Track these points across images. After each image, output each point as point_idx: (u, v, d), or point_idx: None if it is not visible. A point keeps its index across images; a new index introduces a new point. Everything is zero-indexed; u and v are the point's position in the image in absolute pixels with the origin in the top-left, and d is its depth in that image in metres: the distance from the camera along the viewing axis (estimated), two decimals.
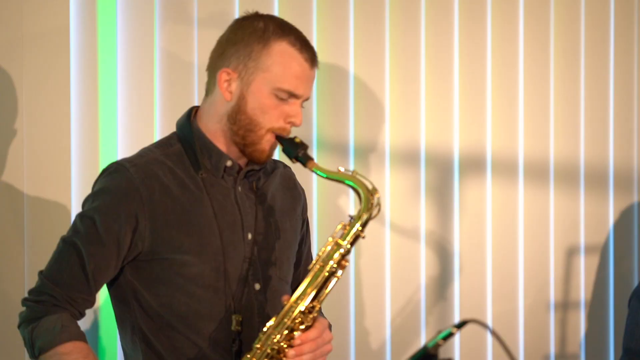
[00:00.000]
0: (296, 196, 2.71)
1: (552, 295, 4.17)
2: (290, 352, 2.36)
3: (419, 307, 3.86)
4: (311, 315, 2.38)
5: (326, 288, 2.39)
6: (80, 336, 2.39)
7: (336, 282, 2.40)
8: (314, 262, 2.40)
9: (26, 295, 2.45)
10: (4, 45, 3.04)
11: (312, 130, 3.56)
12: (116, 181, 2.41)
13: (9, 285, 3.05)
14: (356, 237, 2.40)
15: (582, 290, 4.23)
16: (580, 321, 4.25)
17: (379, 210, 2.42)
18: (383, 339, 3.78)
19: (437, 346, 2.77)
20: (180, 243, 2.41)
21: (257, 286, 2.50)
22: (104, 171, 2.47)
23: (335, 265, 2.38)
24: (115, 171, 2.43)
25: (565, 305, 4.21)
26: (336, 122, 3.62)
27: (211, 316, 2.44)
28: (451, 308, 3.93)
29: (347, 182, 2.42)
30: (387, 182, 3.74)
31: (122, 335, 2.52)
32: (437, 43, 3.83)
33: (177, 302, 2.43)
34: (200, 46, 3.25)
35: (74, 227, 2.43)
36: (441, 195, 3.89)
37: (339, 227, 2.41)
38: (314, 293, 2.38)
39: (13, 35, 3.05)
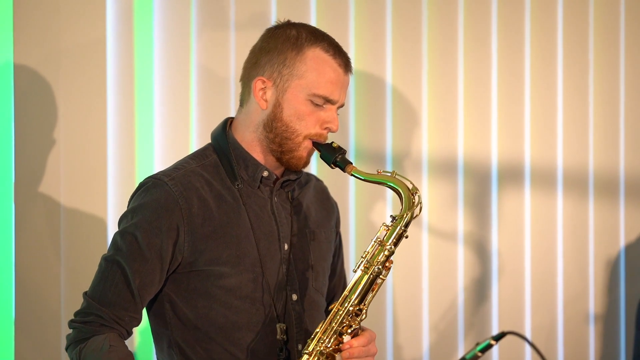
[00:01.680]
0: (329, 208, 2.71)
1: (592, 306, 4.13)
2: (344, 353, 2.35)
3: (456, 319, 3.83)
4: (359, 319, 2.37)
5: (372, 291, 2.39)
6: (128, 356, 2.38)
7: (381, 284, 2.39)
8: (358, 264, 2.40)
9: (72, 317, 2.44)
10: (42, 58, 3.05)
11: (350, 139, 3.55)
12: (155, 196, 2.41)
13: (45, 293, 3.06)
14: (400, 237, 2.40)
15: (622, 302, 4.19)
16: (620, 333, 4.20)
17: (420, 208, 2.42)
18: (420, 352, 3.76)
19: (475, 358, 2.76)
20: (218, 254, 2.41)
21: (295, 297, 2.50)
22: (140, 186, 2.46)
23: (380, 267, 2.37)
24: (153, 186, 2.43)
25: (604, 317, 4.17)
26: (373, 131, 3.62)
27: (249, 327, 2.43)
28: (489, 320, 3.90)
29: (387, 182, 2.42)
30: (425, 192, 3.72)
31: (159, 349, 2.51)
32: (475, 53, 3.81)
33: (214, 314, 2.42)
34: (236, 57, 3.26)
35: (115, 245, 2.41)
36: (479, 205, 3.86)
37: (382, 228, 2.41)
38: (360, 296, 2.37)
39: (51, 49, 3.06)
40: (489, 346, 2.79)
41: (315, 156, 3.39)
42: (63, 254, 3.07)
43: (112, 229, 3.11)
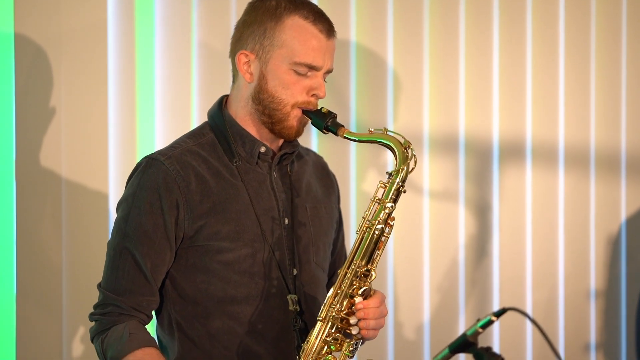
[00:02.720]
0: (329, 185, 2.71)
1: (593, 283, 4.14)
2: (359, 314, 2.35)
3: (457, 295, 3.84)
4: (368, 279, 2.38)
5: (378, 249, 2.39)
6: (149, 342, 2.39)
7: (386, 242, 2.39)
8: (360, 225, 2.40)
9: (91, 310, 2.45)
10: (44, 35, 3.04)
11: (351, 116, 3.55)
12: (153, 176, 2.41)
13: (47, 269, 3.06)
14: (398, 193, 2.40)
15: (623, 278, 4.20)
16: (621, 310, 4.21)
17: (415, 162, 2.41)
18: (421, 327, 3.77)
19: (476, 334, 2.76)
20: (217, 230, 2.41)
21: (295, 271, 2.50)
22: (137, 167, 2.46)
23: (382, 225, 2.37)
24: (149, 166, 2.43)
25: (605, 294, 4.18)
26: (375, 108, 3.61)
27: (247, 301, 2.44)
28: (490, 296, 3.91)
29: (379, 140, 2.42)
30: (426, 169, 3.72)
31: (159, 326, 2.52)
32: (477, 30, 3.81)
33: (213, 288, 2.42)
34: None
35: (120, 231, 2.41)
36: (480, 182, 3.87)
37: (379, 186, 2.40)
38: (367, 256, 2.37)
39: (52, 25, 3.05)
40: (490, 322, 2.79)
41: (316, 132, 3.40)
42: (64, 229, 3.08)
43: (114, 203, 3.11)
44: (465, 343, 2.79)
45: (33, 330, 3.03)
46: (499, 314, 2.76)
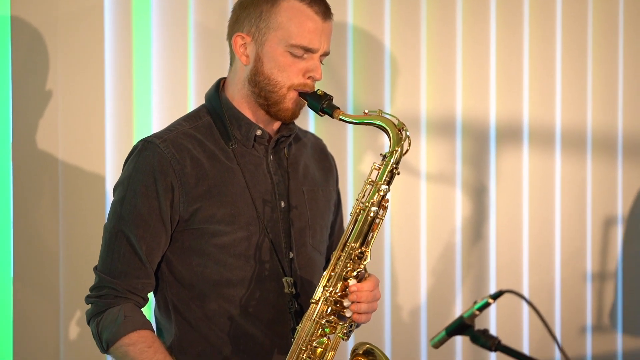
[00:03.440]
0: (328, 168, 2.71)
1: (589, 265, 4.15)
2: (352, 296, 2.35)
3: (453, 278, 3.85)
4: (362, 262, 2.38)
5: (372, 232, 2.38)
6: (144, 325, 2.40)
7: (380, 224, 2.39)
8: (354, 207, 2.40)
9: (88, 292, 2.46)
10: (40, 23, 3.03)
11: (348, 99, 3.54)
12: (148, 159, 2.41)
13: (44, 253, 3.06)
14: (392, 175, 2.40)
15: (620, 261, 4.20)
16: (618, 292, 4.22)
17: (409, 144, 2.41)
18: (418, 310, 3.77)
19: (473, 316, 2.76)
20: (212, 213, 2.41)
21: (291, 254, 2.50)
22: (133, 150, 2.47)
23: (376, 208, 2.37)
24: (145, 149, 2.43)
25: (602, 276, 4.19)
26: (372, 91, 3.61)
27: (243, 284, 2.44)
28: (487, 279, 3.91)
29: (374, 122, 2.41)
30: (423, 152, 3.72)
31: (156, 309, 2.53)
32: (474, 13, 3.80)
33: (209, 271, 2.43)
34: None
35: (116, 214, 2.42)
36: (477, 165, 3.87)
37: (372, 168, 2.40)
38: (361, 238, 2.37)
39: (49, 13, 3.04)
40: (487, 305, 2.79)
41: (313, 115, 3.40)
42: (61, 213, 3.08)
43: (111, 186, 3.11)
44: (462, 325, 2.80)
45: (30, 314, 3.04)
46: (496, 296, 2.76)
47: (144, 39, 3.18)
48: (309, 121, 3.43)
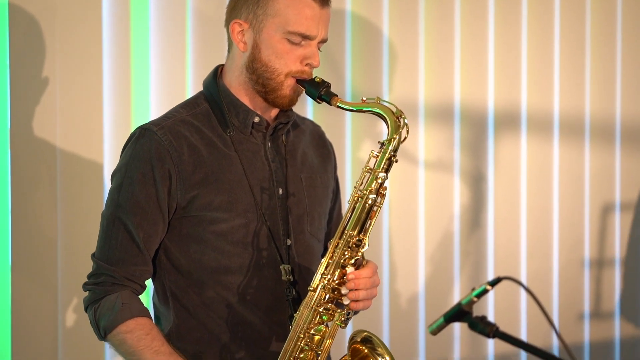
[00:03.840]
0: (326, 155, 2.71)
1: (587, 252, 4.15)
2: (349, 284, 2.35)
3: (451, 265, 3.85)
4: (360, 249, 2.38)
5: (370, 219, 2.38)
6: (142, 312, 2.40)
7: (378, 212, 2.39)
8: (352, 194, 2.40)
9: (86, 280, 2.46)
10: (38, 8, 3.02)
11: (346, 86, 3.54)
12: (145, 146, 2.41)
13: (42, 240, 3.06)
14: (390, 163, 2.39)
15: (617, 248, 4.21)
16: (615, 279, 4.23)
17: (407, 131, 2.40)
18: (416, 297, 3.78)
19: (471, 303, 2.77)
20: (210, 200, 2.41)
21: (289, 241, 2.50)
22: (130, 137, 2.46)
23: (374, 195, 2.37)
24: (142, 136, 2.43)
25: (600, 263, 4.19)
26: (370, 78, 3.60)
27: (241, 271, 2.44)
28: (485, 266, 3.92)
29: (372, 109, 2.41)
30: (421, 140, 3.72)
31: (155, 294, 2.53)
32: (472, 0, 3.79)
33: (207, 258, 2.43)
34: None
35: (113, 202, 2.42)
36: (475, 152, 3.87)
37: (370, 156, 2.40)
38: (359, 226, 2.37)
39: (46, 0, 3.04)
40: (485, 291, 2.79)
41: (311, 102, 3.40)
42: (59, 200, 3.07)
43: (109, 173, 3.11)
44: (460, 312, 2.80)
45: (28, 301, 3.04)
46: (494, 283, 2.77)
47: (142, 26, 3.17)
48: (307, 108, 3.43)
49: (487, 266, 3.92)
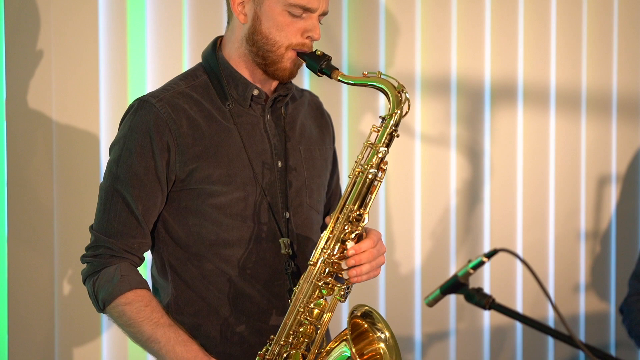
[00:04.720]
0: (324, 125, 2.70)
1: (583, 224, 4.16)
2: (350, 261, 2.35)
3: (448, 237, 3.86)
4: (360, 224, 2.38)
5: (371, 194, 2.38)
6: (140, 284, 2.40)
7: (379, 186, 2.38)
8: (352, 168, 2.39)
9: (84, 252, 2.46)
10: None
11: (343, 57, 3.53)
12: (144, 118, 2.40)
13: (39, 212, 3.06)
14: (391, 138, 2.38)
15: (613, 220, 4.22)
16: (611, 250, 4.24)
17: (409, 106, 2.40)
18: (413, 270, 3.79)
19: (467, 275, 2.78)
20: (209, 173, 2.41)
21: (288, 214, 2.50)
22: (129, 109, 2.46)
23: (375, 170, 2.37)
24: (140, 108, 2.42)
25: (595, 235, 4.20)
26: (367, 50, 3.60)
27: (240, 244, 2.44)
28: (481, 238, 3.92)
29: (373, 84, 2.40)
30: (418, 113, 3.72)
31: (154, 269, 2.54)
32: None
33: (205, 231, 2.43)
34: None
35: (112, 174, 2.41)
36: (472, 125, 3.86)
37: (372, 130, 2.40)
38: (359, 200, 2.37)
39: None
40: (481, 263, 2.80)
41: (309, 74, 3.39)
42: (55, 172, 3.07)
43: (105, 145, 3.11)
44: (456, 284, 2.82)
45: (25, 272, 3.04)
46: (490, 255, 2.78)
47: None
48: (305, 81, 3.42)
49: (484, 238, 3.93)
